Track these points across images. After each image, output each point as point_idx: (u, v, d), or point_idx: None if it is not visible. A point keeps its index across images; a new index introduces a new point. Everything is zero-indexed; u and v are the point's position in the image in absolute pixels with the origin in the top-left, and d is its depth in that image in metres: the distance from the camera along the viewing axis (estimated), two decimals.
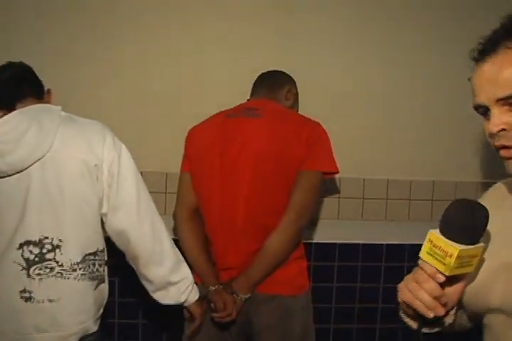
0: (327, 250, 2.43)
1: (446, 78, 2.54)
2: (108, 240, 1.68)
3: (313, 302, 2.00)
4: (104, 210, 1.61)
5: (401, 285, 1.00)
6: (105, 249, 1.67)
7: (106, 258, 1.67)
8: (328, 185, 2.50)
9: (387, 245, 2.45)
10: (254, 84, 2.13)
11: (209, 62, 2.49)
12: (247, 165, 1.88)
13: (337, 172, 1.94)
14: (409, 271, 1.02)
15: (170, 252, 1.70)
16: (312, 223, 2.44)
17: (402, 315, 1.07)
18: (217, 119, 2.01)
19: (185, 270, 1.76)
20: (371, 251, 2.45)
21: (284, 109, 2.04)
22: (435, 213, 2.56)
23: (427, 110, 2.57)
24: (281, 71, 2.16)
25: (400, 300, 1.01)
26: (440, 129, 2.58)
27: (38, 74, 1.73)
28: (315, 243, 2.40)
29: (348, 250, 2.44)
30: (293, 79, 2.14)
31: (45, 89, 1.71)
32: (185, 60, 2.49)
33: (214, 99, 2.36)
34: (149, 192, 1.71)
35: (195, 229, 1.96)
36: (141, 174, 1.68)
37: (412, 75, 2.56)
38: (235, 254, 1.90)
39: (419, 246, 0.98)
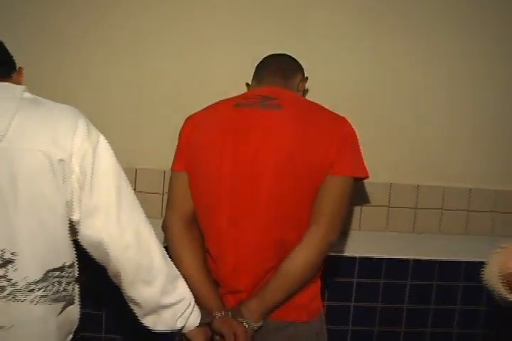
0: (345, 264, 2.12)
1: (489, 78, 2.25)
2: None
3: (327, 323, 1.70)
4: (75, 217, 1.28)
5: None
6: (75, 264, 1.36)
7: (76, 275, 1.37)
8: None
9: (415, 261, 2.13)
10: (261, 68, 1.80)
11: (211, 54, 2.22)
12: (267, 169, 1.56)
13: (367, 177, 1.64)
14: (440, 291, 0.90)
15: (161, 267, 1.36)
16: None
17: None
18: (222, 108, 1.67)
19: (183, 288, 1.43)
20: (395, 266, 2.13)
21: (306, 100, 1.72)
22: (472, 226, 2.24)
23: (466, 109, 2.26)
24: (290, 55, 1.84)
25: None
26: (481, 130, 2.26)
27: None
28: (331, 256, 2.07)
29: (369, 265, 2.12)
30: (302, 67, 1.83)
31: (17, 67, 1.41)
32: (186, 50, 2.22)
33: (217, 90, 2.06)
34: (145, 192, 1.41)
35: (193, 244, 1.62)
36: (136, 172, 1.38)
37: (451, 73, 2.25)
38: (247, 274, 1.58)
39: (450, 264, 0.90)
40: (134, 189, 1.47)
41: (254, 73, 1.79)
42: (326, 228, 1.54)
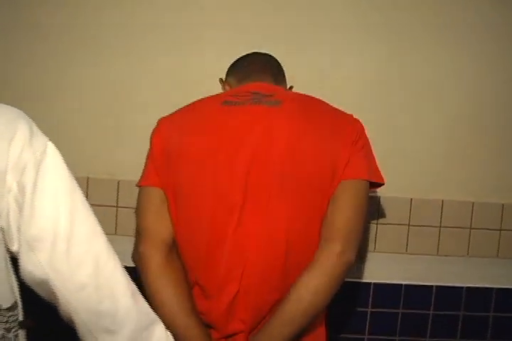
0: (358, 291, 1.84)
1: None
2: None
3: None
4: (14, 247, 1.00)
5: None
6: (19, 305, 1.09)
7: (20, 318, 1.10)
8: None
9: (438, 288, 1.85)
10: (243, 64, 1.54)
11: (200, 56, 1.99)
12: (274, 180, 1.28)
13: (383, 183, 1.38)
14: (467, 322, 0.84)
15: (130, 311, 1.02)
16: None
17: None
18: (207, 108, 1.38)
19: (161, 337, 1.07)
20: (416, 294, 1.84)
21: (308, 96, 1.44)
22: (505, 247, 1.96)
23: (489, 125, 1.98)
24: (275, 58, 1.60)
25: None
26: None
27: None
28: None
29: (386, 292, 1.84)
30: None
31: None
32: (174, 52, 1.99)
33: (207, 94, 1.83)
34: (130, 208, 1.11)
35: (177, 281, 1.31)
36: (118, 184, 1.11)
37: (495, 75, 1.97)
38: (247, 311, 1.30)
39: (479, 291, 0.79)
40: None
41: (232, 70, 1.54)
42: (342, 244, 1.26)
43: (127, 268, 1.03)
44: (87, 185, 1.98)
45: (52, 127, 1.17)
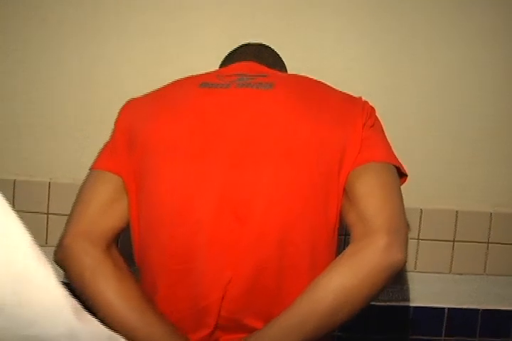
0: (396, 316, 1.57)
1: None
2: None
3: None
4: None
5: None
6: None
7: None
8: None
9: (487, 312, 1.59)
10: (234, 58, 1.30)
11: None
12: (263, 176, 1.02)
13: (407, 174, 1.10)
14: None
15: (74, 334, 0.72)
16: None
17: None
18: (181, 89, 1.15)
19: None
20: (461, 319, 1.59)
21: (306, 77, 1.20)
22: None
23: None
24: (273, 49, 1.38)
25: None
26: None
27: None
28: (373, 305, 1.47)
29: (428, 317, 1.58)
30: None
31: None
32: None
33: None
34: None
35: (120, 272, 1.03)
36: None
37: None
38: (237, 329, 1.02)
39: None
40: None
41: (221, 66, 1.32)
42: (388, 234, 0.93)
43: None
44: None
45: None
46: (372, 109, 1.13)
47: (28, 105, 1.68)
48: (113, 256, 1.04)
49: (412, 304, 1.57)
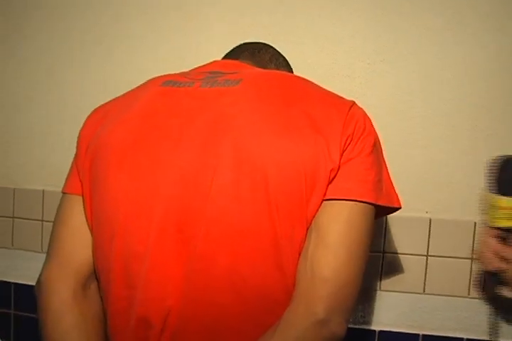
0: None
1: None
2: None
3: None
4: None
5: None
6: None
7: None
8: None
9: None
10: (231, 52, 1.21)
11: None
12: (219, 192, 0.88)
13: (399, 207, 0.96)
14: None
15: None
16: None
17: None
18: (144, 89, 1.03)
19: None
20: None
21: (283, 73, 1.06)
22: None
23: None
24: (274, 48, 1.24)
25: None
26: None
27: None
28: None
29: None
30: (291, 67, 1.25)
31: None
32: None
33: None
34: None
35: (88, 322, 0.97)
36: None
37: None
38: None
39: None
40: None
41: None
42: (326, 309, 0.82)
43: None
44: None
45: None
46: (363, 118, 0.92)
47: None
48: (87, 297, 0.98)
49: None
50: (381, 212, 0.92)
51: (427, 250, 1.43)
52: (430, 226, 1.43)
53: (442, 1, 1.41)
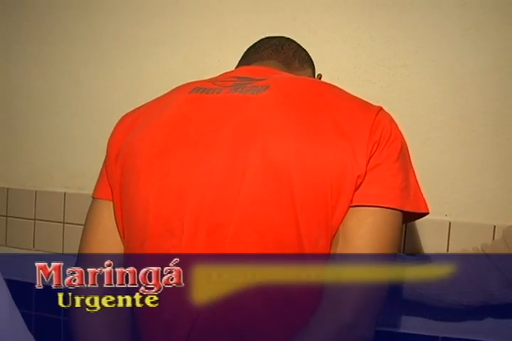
0: None
1: None
2: None
3: None
4: None
5: None
6: None
7: None
8: None
9: None
10: (250, 53, 1.20)
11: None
12: (246, 199, 0.90)
13: (427, 212, 0.96)
14: None
15: None
16: None
17: None
18: (174, 96, 1.05)
19: None
20: None
21: (311, 79, 1.10)
22: None
23: None
24: (294, 41, 1.24)
25: None
26: None
27: None
28: None
29: None
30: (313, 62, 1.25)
31: None
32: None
33: None
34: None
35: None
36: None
37: None
38: None
39: None
40: None
41: (238, 63, 1.22)
42: (354, 313, 0.83)
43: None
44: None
45: None
46: (391, 125, 0.93)
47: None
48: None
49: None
50: (409, 217, 0.94)
51: None
52: (450, 229, 1.43)
53: (462, 10, 1.42)
